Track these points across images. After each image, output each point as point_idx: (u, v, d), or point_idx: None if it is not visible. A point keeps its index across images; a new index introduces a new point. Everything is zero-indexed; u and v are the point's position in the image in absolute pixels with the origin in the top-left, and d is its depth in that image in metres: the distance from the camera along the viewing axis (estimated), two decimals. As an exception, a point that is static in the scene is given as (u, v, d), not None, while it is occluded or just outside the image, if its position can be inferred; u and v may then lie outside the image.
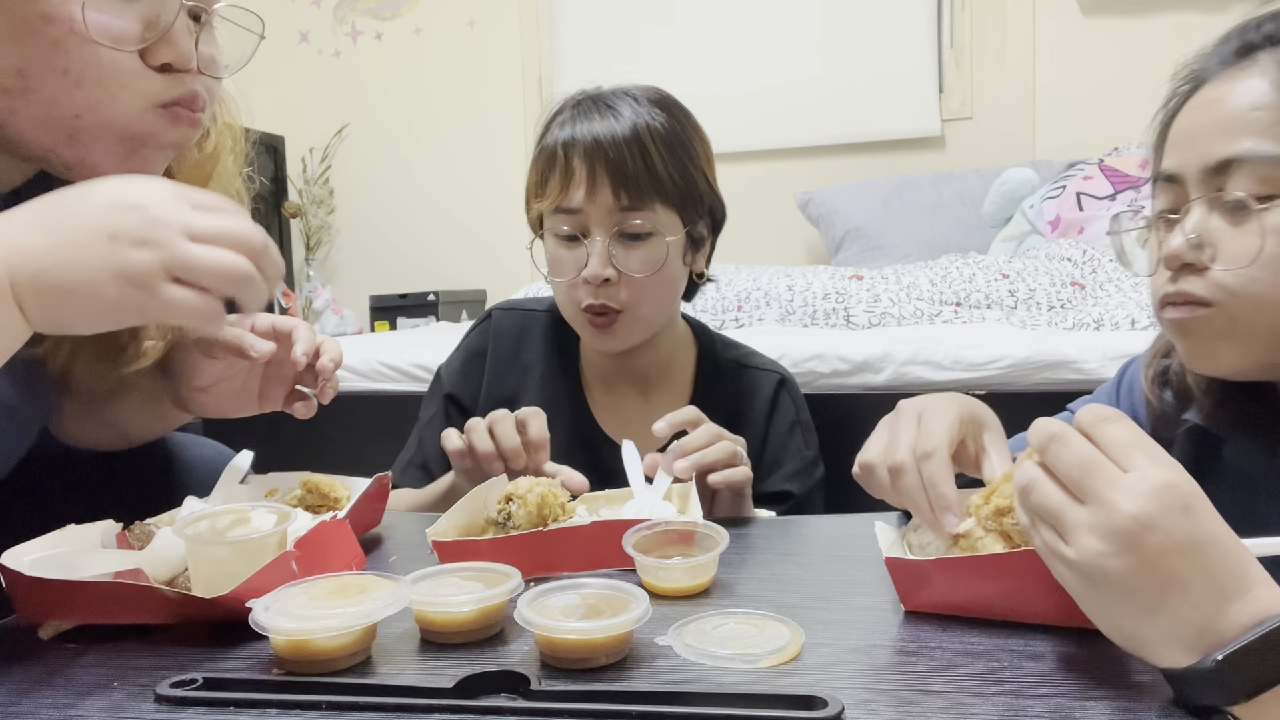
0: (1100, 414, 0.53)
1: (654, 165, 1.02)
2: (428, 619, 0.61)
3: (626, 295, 1.04)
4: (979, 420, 0.73)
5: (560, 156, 1.03)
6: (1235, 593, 0.47)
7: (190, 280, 0.58)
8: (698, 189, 1.08)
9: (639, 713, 0.49)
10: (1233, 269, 0.67)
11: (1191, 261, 0.69)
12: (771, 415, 1.15)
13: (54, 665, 0.59)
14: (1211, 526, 0.49)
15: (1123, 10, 2.81)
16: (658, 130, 1.03)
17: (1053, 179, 2.54)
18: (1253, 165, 0.66)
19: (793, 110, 3.09)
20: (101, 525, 0.72)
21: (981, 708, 0.49)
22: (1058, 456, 0.52)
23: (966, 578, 0.61)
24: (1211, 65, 0.73)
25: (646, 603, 0.57)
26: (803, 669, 0.55)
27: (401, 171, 3.45)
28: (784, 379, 1.18)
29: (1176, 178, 0.72)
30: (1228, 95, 0.69)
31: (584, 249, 1.04)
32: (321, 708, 0.50)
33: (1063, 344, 1.58)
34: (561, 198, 1.04)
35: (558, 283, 1.07)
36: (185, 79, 0.70)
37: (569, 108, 1.07)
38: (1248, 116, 0.67)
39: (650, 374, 1.15)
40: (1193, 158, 0.71)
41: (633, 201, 1.02)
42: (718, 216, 1.14)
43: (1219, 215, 0.69)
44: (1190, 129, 0.72)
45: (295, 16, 3.53)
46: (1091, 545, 0.49)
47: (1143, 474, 0.49)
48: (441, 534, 0.76)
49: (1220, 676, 0.45)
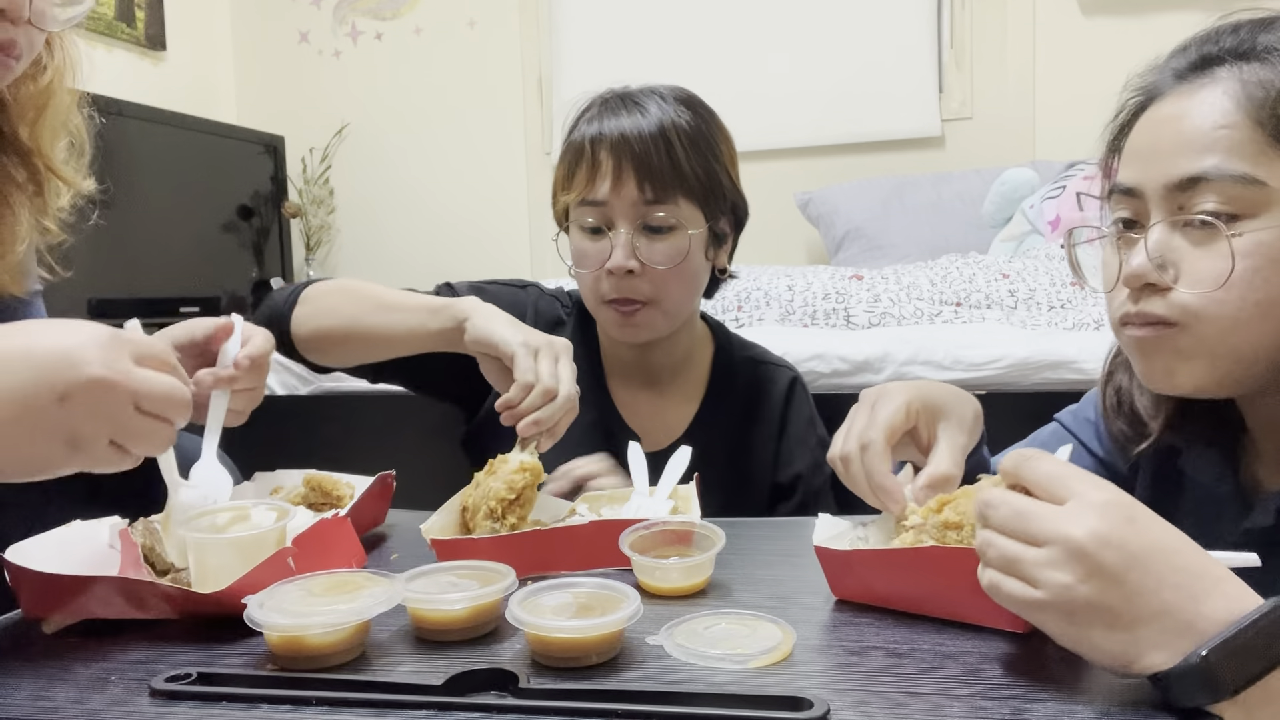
0: (1021, 456, 0.55)
1: (678, 160, 1.05)
2: (421, 617, 0.61)
3: (649, 288, 1.06)
4: (934, 407, 0.73)
5: (587, 150, 1.05)
6: (1204, 592, 0.48)
7: (126, 446, 0.59)
8: (721, 185, 1.10)
9: (625, 711, 0.49)
10: (1198, 290, 0.66)
11: (1154, 282, 0.68)
12: (787, 410, 1.17)
13: (54, 658, 0.59)
14: (1157, 534, 0.50)
15: (1123, 10, 2.81)
16: (683, 127, 1.06)
17: (1053, 179, 2.54)
18: (1218, 183, 0.65)
19: (793, 110, 3.09)
20: (107, 521, 0.72)
21: (969, 710, 0.50)
22: (999, 521, 0.53)
23: (883, 569, 0.64)
24: (1165, 79, 0.72)
25: (638, 602, 0.57)
26: (793, 670, 0.55)
27: (401, 171, 3.45)
28: (796, 377, 1.21)
29: (1136, 191, 0.71)
30: (1189, 111, 0.68)
31: (608, 241, 1.05)
32: (312, 703, 0.51)
33: (1063, 344, 1.58)
34: (587, 190, 1.05)
35: (583, 275, 1.09)
36: (7, 28, 0.73)
37: (597, 105, 1.09)
38: (1213, 134, 0.66)
39: (668, 369, 1.17)
40: (1154, 173, 0.69)
41: (657, 195, 1.04)
42: (740, 214, 1.16)
43: (1181, 235, 0.68)
44: (1150, 143, 0.71)
45: (295, 16, 3.53)
46: (1057, 579, 0.49)
47: (1080, 499, 0.51)
48: (436, 531, 0.76)
49: (1206, 672, 0.46)
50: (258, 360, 0.83)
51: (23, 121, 0.84)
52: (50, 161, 0.87)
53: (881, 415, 0.71)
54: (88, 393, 0.56)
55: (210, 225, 3.08)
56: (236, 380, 0.82)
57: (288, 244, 3.38)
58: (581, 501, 0.88)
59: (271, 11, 3.54)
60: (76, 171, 0.90)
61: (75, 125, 0.90)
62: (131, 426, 0.58)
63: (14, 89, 0.83)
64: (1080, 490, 0.51)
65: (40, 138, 0.85)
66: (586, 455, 1.03)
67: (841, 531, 0.71)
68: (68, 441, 0.57)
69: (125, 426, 0.58)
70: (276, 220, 3.32)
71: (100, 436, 0.58)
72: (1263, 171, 0.65)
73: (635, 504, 0.86)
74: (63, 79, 0.86)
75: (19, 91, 0.83)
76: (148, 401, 0.59)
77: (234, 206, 3.16)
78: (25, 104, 0.84)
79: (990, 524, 0.53)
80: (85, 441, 0.57)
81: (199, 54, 3.43)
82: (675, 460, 0.91)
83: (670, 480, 0.88)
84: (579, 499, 0.88)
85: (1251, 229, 0.65)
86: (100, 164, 0.94)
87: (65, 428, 0.56)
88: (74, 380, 0.55)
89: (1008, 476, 0.56)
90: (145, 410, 0.59)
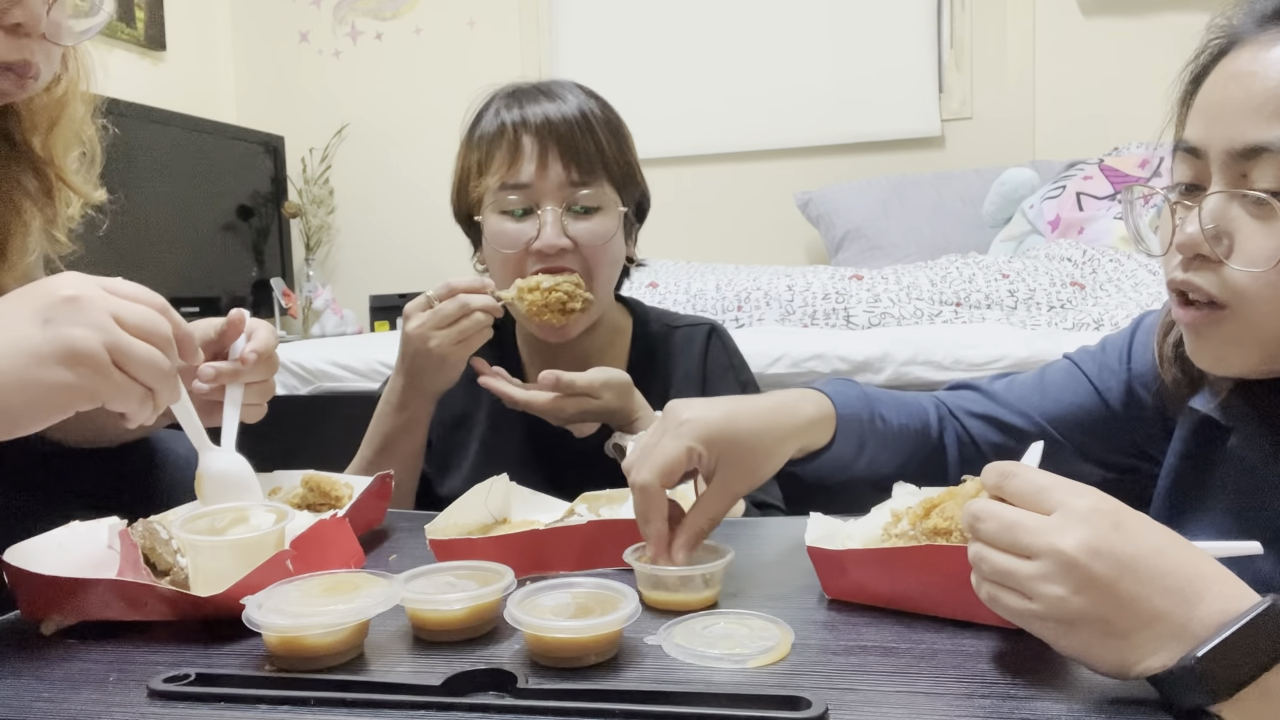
0: (1000, 474, 0.54)
1: (601, 143, 1.06)
2: (420, 617, 0.61)
3: (578, 268, 1.04)
4: (719, 449, 0.71)
5: (510, 134, 1.05)
6: (1197, 594, 0.48)
7: (126, 367, 0.61)
8: (634, 173, 1.11)
9: (623, 711, 0.49)
10: (1249, 269, 0.62)
11: (1206, 254, 0.64)
12: (705, 363, 1.17)
13: (52, 659, 0.60)
14: (1146, 538, 0.50)
15: (1123, 10, 2.81)
16: (599, 115, 1.07)
17: (1053, 179, 2.54)
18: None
19: (793, 110, 3.09)
20: (107, 522, 0.72)
21: (967, 709, 0.50)
22: (989, 535, 0.52)
23: (876, 568, 0.63)
24: (1248, 24, 0.65)
25: (636, 602, 0.57)
26: (791, 669, 0.55)
27: (401, 171, 3.45)
28: (714, 327, 1.20)
29: (1199, 151, 0.65)
30: (1265, 69, 0.61)
31: (533, 223, 1.04)
32: (310, 704, 0.51)
33: (1063, 344, 1.58)
34: (510, 174, 1.04)
35: (506, 257, 1.05)
36: (25, 45, 0.73)
37: (502, 97, 1.10)
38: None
39: (591, 355, 1.13)
40: (1218, 134, 0.63)
41: (583, 176, 1.04)
42: (644, 205, 1.17)
43: (1240, 206, 0.62)
44: (1219, 100, 0.64)
45: (295, 16, 3.53)
46: (1052, 591, 0.49)
47: (1065, 509, 0.50)
48: (440, 532, 0.76)
49: (1201, 675, 0.46)
50: (264, 353, 0.84)
51: (36, 131, 0.84)
52: (62, 172, 0.86)
53: (659, 457, 0.70)
54: (65, 307, 0.60)
55: (210, 225, 3.08)
56: (242, 374, 0.83)
57: (288, 244, 3.39)
58: (581, 501, 0.88)
59: (271, 11, 3.54)
60: (88, 182, 0.90)
61: (89, 136, 0.90)
62: (122, 341, 0.61)
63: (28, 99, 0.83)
64: (1063, 500, 0.51)
65: (53, 148, 0.85)
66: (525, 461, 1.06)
67: (833, 531, 0.70)
68: (66, 358, 0.59)
69: (116, 338, 0.60)
70: (276, 220, 3.32)
71: (94, 346, 0.59)
72: None
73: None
74: (76, 89, 0.86)
75: (33, 102, 0.83)
76: (127, 319, 0.61)
77: (234, 206, 3.16)
78: (39, 114, 0.84)
79: (980, 537, 0.53)
80: (82, 353, 0.59)
81: (199, 54, 3.43)
82: None
83: None
84: (578, 500, 0.88)
85: None
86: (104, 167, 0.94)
87: (58, 345, 0.59)
88: (49, 302, 0.60)
89: (992, 491, 0.55)
90: (128, 328, 0.61)
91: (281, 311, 3.18)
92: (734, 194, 3.16)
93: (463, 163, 1.11)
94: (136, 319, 0.62)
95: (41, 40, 0.74)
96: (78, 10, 0.78)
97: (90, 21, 0.78)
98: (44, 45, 0.74)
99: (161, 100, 2.93)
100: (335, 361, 1.88)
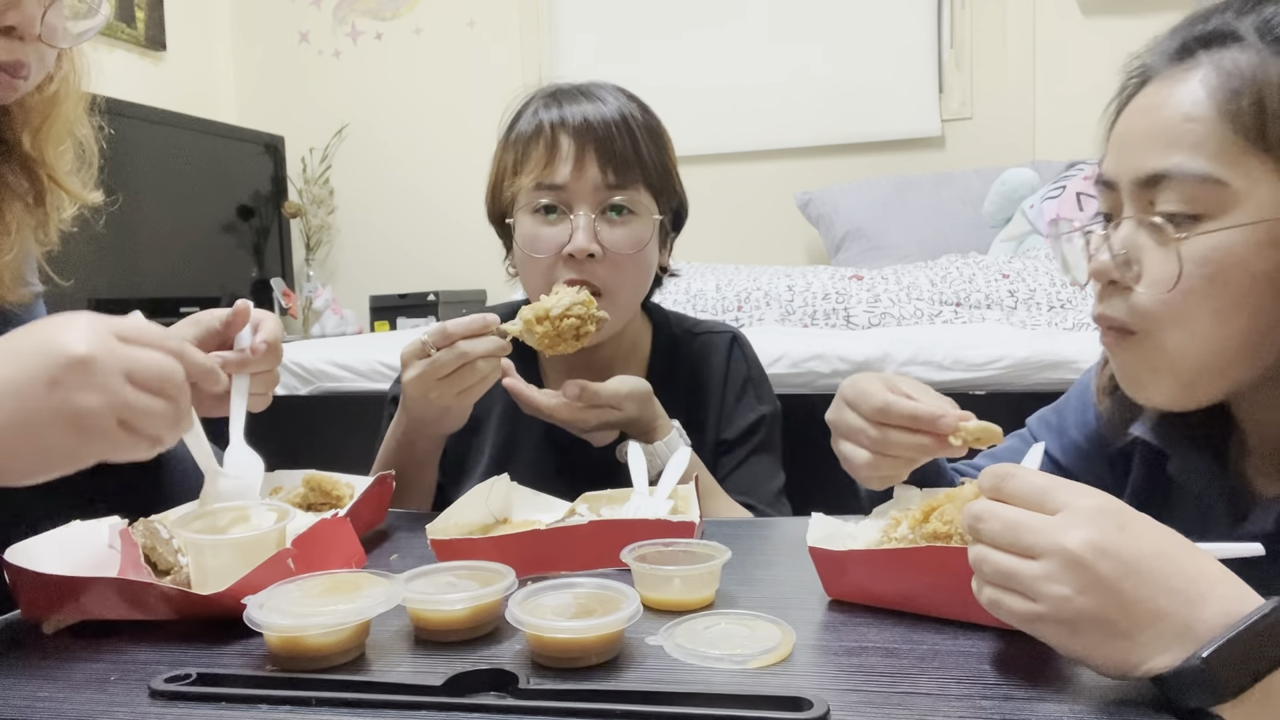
0: (998, 476, 0.54)
1: (639, 147, 1.04)
2: (421, 617, 0.61)
3: (607, 274, 1.02)
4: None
5: (547, 134, 1.04)
6: (1201, 596, 0.48)
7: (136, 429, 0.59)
8: (671, 180, 1.10)
9: (624, 712, 0.49)
10: (1152, 291, 0.64)
11: (1115, 279, 0.66)
12: (728, 369, 1.16)
13: (53, 659, 0.60)
14: (1151, 538, 0.50)
15: (1123, 10, 2.81)
16: (639, 118, 1.06)
17: (1053, 179, 2.54)
18: (1179, 183, 0.62)
19: (793, 110, 3.09)
20: (107, 521, 0.72)
21: (969, 710, 0.50)
22: (991, 535, 0.52)
23: (877, 569, 0.64)
24: (1159, 60, 0.67)
25: (638, 602, 0.57)
26: (792, 670, 0.55)
27: (401, 171, 3.45)
28: (735, 336, 1.19)
29: (1112, 183, 0.68)
30: (1165, 101, 0.65)
31: (565, 226, 1.02)
32: (311, 703, 0.51)
33: (1063, 344, 1.59)
34: (545, 174, 1.03)
35: (536, 261, 1.04)
36: (18, 46, 0.72)
37: (541, 97, 1.08)
38: (1180, 128, 0.63)
39: (615, 362, 1.13)
40: (1126, 165, 0.66)
41: (619, 179, 1.03)
42: (681, 213, 1.16)
43: (1147, 233, 0.65)
44: (1127, 133, 0.68)
45: (295, 16, 3.53)
46: (1056, 592, 0.49)
47: (1070, 509, 0.50)
48: (441, 532, 0.76)
49: (1206, 676, 0.46)
50: (270, 344, 0.83)
51: (25, 129, 0.83)
52: (53, 171, 0.85)
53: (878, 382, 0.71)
54: (75, 371, 0.56)
55: (210, 225, 3.08)
56: (249, 364, 0.83)
57: (288, 244, 3.39)
58: (581, 502, 0.88)
59: (271, 11, 3.54)
60: (84, 183, 0.89)
61: (83, 135, 0.88)
62: (131, 402, 0.58)
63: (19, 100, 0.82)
64: (1068, 500, 0.51)
65: (43, 146, 0.84)
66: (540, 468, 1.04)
67: (835, 531, 0.70)
68: (72, 426, 0.57)
69: (124, 401, 0.58)
70: (276, 220, 3.32)
71: (102, 414, 0.57)
72: (1226, 170, 0.61)
73: (635, 504, 0.86)
74: (69, 88, 0.85)
75: (23, 100, 0.82)
76: (139, 375, 0.59)
77: (234, 206, 3.16)
78: (29, 112, 0.83)
79: (982, 538, 0.53)
80: (89, 422, 0.57)
81: (199, 54, 3.43)
82: (675, 460, 0.91)
83: (670, 480, 0.88)
84: (579, 500, 0.88)
85: (1210, 230, 0.61)
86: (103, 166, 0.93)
87: (64, 412, 0.56)
88: (59, 363, 0.56)
89: (989, 494, 0.54)
90: (140, 385, 0.59)
91: (281, 311, 3.17)
92: (734, 194, 3.15)
93: (498, 164, 1.11)
94: (149, 373, 0.59)
95: (37, 42, 0.73)
96: (75, 11, 0.77)
97: (88, 23, 0.78)
98: (38, 46, 0.74)
99: (161, 100, 2.93)
100: (335, 361, 1.88)
